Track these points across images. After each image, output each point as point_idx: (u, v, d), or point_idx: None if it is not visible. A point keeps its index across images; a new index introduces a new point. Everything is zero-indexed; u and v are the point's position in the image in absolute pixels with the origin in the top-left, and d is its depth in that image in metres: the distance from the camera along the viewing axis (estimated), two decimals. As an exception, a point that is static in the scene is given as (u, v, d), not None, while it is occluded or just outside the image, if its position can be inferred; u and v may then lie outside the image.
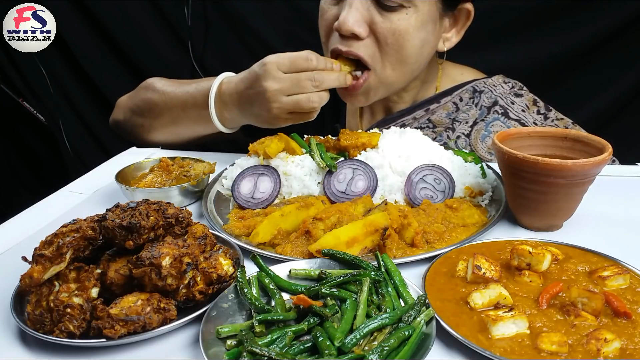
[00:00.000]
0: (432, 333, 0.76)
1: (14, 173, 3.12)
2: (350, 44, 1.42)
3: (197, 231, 0.94)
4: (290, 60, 1.28)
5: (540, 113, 1.61)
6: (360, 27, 1.39)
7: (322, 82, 1.28)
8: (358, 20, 1.39)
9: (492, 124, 1.59)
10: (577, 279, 0.90)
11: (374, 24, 1.40)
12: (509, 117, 1.59)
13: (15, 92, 2.86)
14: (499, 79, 1.66)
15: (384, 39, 1.41)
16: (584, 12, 2.23)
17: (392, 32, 1.40)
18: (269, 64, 1.28)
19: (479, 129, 1.60)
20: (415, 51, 1.46)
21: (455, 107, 1.63)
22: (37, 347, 0.81)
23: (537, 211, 1.10)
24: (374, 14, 1.40)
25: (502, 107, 1.60)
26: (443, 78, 1.70)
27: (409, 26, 1.40)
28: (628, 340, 0.75)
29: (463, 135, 1.61)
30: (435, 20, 1.46)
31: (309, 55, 1.29)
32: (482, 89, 1.63)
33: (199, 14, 2.62)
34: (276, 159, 1.30)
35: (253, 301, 0.83)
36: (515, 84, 1.67)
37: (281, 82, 1.27)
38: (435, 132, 1.63)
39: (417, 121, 1.64)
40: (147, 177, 1.34)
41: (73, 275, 0.82)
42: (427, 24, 1.44)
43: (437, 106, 1.63)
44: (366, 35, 1.41)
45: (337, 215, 1.07)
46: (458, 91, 1.64)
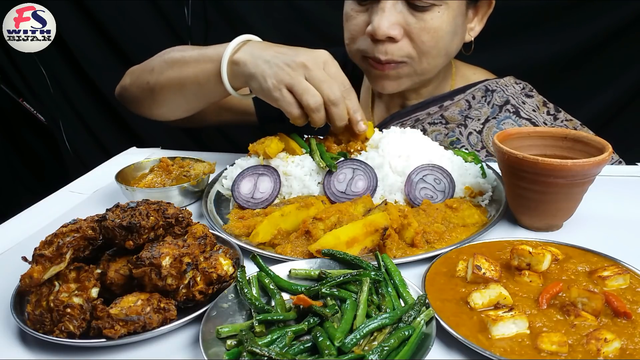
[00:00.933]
0: (432, 333, 0.76)
1: (14, 173, 3.12)
2: (385, 48, 1.45)
3: (197, 231, 0.93)
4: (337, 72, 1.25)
5: (550, 114, 1.64)
6: (395, 29, 1.42)
7: (335, 103, 1.22)
8: (392, 24, 1.41)
9: (504, 122, 1.62)
10: (577, 279, 0.90)
11: (407, 25, 1.43)
12: (520, 116, 1.62)
13: (15, 92, 2.87)
14: (510, 79, 1.70)
15: (418, 38, 1.44)
16: (584, 12, 2.23)
17: (426, 31, 1.43)
18: (322, 52, 1.26)
19: (490, 127, 1.62)
20: (448, 45, 1.50)
21: (468, 105, 1.66)
22: (37, 347, 0.81)
23: (537, 211, 1.10)
24: (407, 16, 1.43)
25: (513, 106, 1.63)
26: (457, 77, 1.73)
27: (442, 23, 1.44)
28: (628, 340, 0.75)
29: (475, 131, 1.63)
30: (463, 12, 1.51)
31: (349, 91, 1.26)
32: (494, 89, 1.66)
33: (199, 14, 2.63)
34: (276, 159, 1.30)
35: (253, 301, 0.83)
36: (525, 85, 1.70)
37: (312, 67, 1.22)
38: (448, 128, 1.66)
39: (431, 117, 1.66)
40: (147, 177, 1.34)
41: (73, 275, 0.82)
42: (457, 17, 1.48)
43: (450, 103, 1.66)
44: (401, 37, 1.44)
45: (337, 215, 1.07)
46: (471, 90, 1.67)
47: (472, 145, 1.62)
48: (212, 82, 1.38)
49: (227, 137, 2.89)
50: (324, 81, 1.22)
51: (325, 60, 1.24)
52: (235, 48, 1.33)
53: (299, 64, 1.21)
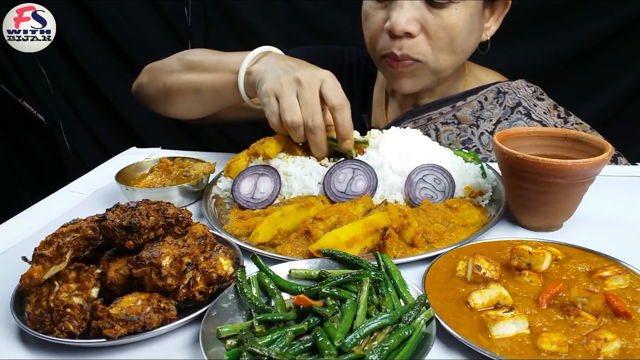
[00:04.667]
0: (432, 333, 0.76)
1: (14, 173, 3.12)
2: (402, 44, 1.47)
3: (197, 231, 0.93)
4: (333, 85, 1.22)
5: (560, 117, 1.65)
6: (412, 25, 1.43)
7: (314, 132, 1.21)
8: (410, 20, 1.43)
9: (516, 123, 1.63)
10: (577, 279, 0.90)
11: (425, 21, 1.45)
12: (532, 118, 1.63)
13: (15, 92, 2.87)
14: (522, 82, 1.71)
15: (435, 34, 1.46)
16: (584, 12, 2.24)
17: (443, 28, 1.45)
18: (324, 72, 1.25)
19: (502, 127, 1.63)
20: (464, 42, 1.51)
21: (480, 106, 1.67)
22: (37, 347, 0.81)
23: (537, 211, 1.10)
24: (425, 12, 1.45)
25: (525, 108, 1.65)
26: (470, 78, 1.75)
27: (459, 20, 1.45)
28: (628, 340, 0.75)
29: (486, 132, 1.64)
30: (480, 11, 1.53)
31: (344, 106, 1.22)
32: (506, 90, 1.68)
33: (199, 14, 2.63)
34: (276, 159, 1.30)
35: (253, 301, 0.83)
36: (537, 88, 1.71)
37: (305, 85, 1.21)
38: (460, 128, 1.67)
39: (443, 116, 1.67)
40: (147, 177, 1.34)
41: (73, 275, 0.82)
42: (474, 16, 1.50)
43: (462, 103, 1.67)
44: (418, 33, 1.46)
45: (337, 215, 1.07)
46: (483, 91, 1.68)
47: (484, 146, 1.64)
48: (229, 90, 1.42)
49: (227, 137, 2.89)
50: (309, 104, 1.21)
51: (323, 79, 1.23)
52: (254, 60, 1.36)
53: (294, 78, 1.22)
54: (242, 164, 1.30)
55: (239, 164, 1.30)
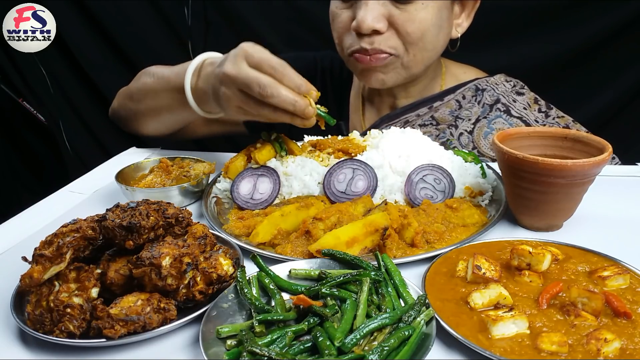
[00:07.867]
0: (432, 333, 0.76)
1: (14, 173, 3.12)
2: (372, 40, 1.46)
3: (197, 231, 0.93)
4: (260, 57, 1.13)
5: (541, 111, 1.63)
6: (379, 22, 1.43)
7: (270, 95, 1.10)
8: (376, 17, 1.42)
9: (495, 121, 1.61)
10: (577, 279, 0.90)
11: (392, 17, 1.44)
12: (511, 114, 1.61)
13: (15, 92, 2.86)
14: (500, 77, 1.69)
15: (403, 29, 1.45)
16: (584, 12, 2.23)
17: (411, 22, 1.44)
18: (240, 49, 1.16)
19: (481, 126, 1.62)
20: (434, 38, 1.50)
21: (458, 105, 1.65)
22: (37, 347, 0.81)
23: (537, 211, 1.10)
24: (391, 9, 1.44)
25: (504, 104, 1.63)
26: (447, 76, 1.73)
27: (426, 15, 1.45)
28: (628, 340, 0.75)
29: (466, 132, 1.63)
30: (448, 7, 1.52)
31: (281, 63, 1.13)
32: (484, 87, 1.66)
33: (199, 14, 2.62)
34: (275, 160, 1.31)
35: (253, 301, 0.83)
36: (516, 82, 1.69)
37: (237, 71, 1.13)
38: (439, 130, 1.65)
39: (421, 118, 1.66)
40: (147, 178, 1.34)
41: (73, 275, 0.82)
42: (442, 10, 1.49)
43: (440, 104, 1.65)
44: (386, 29, 1.45)
45: (337, 215, 1.07)
46: (461, 89, 1.66)
47: (463, 146, 1.62)
48: (184, 108, 1.37)
49: (227, 138, 2.89)
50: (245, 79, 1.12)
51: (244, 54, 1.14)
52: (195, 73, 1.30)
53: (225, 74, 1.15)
54: (240, 164, 1.30)
55: (236, 164, 1.30)
